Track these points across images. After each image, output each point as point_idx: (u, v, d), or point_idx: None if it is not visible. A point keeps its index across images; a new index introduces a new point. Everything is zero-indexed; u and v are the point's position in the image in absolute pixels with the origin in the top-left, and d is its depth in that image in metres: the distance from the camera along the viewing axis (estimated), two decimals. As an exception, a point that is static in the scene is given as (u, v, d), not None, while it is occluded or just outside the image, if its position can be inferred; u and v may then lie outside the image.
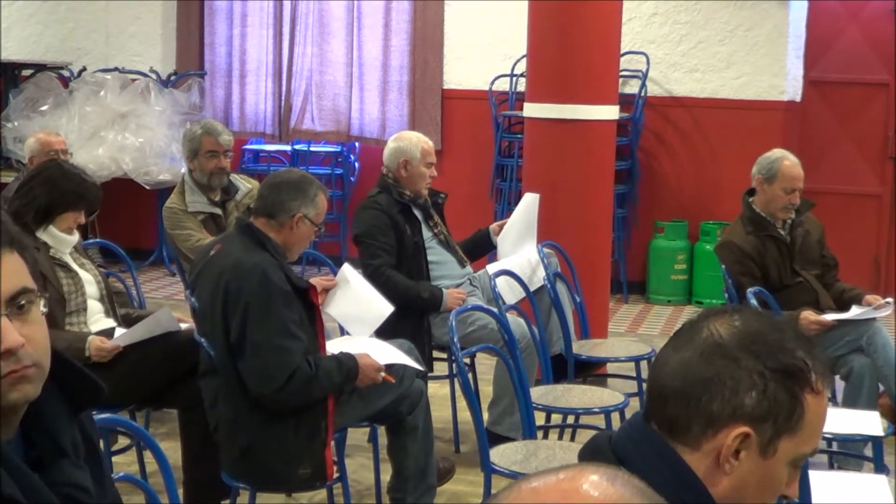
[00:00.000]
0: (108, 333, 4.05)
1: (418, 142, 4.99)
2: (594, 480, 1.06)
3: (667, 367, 1.56)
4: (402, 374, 3.95)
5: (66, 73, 9.04)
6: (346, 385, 3.74)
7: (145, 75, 8.90)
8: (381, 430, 4.23)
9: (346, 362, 3.71)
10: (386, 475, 4.16)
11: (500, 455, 3.60)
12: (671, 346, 1.58)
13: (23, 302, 1.52)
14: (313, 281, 3.96)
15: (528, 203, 5.29)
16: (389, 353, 4.00)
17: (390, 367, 3.88)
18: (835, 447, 4.56)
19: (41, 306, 1.55)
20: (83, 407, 1.68)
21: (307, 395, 3.60)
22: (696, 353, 1.53)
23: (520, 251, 5.17)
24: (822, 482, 3.24)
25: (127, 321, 4.21)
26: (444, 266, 5.01)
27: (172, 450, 3.99)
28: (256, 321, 3.55)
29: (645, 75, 8.20)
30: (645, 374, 4.98)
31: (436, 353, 4.96)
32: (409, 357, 4.08)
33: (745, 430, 1.50)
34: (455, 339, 3.82)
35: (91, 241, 5.94)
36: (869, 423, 3.81)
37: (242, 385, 3.60)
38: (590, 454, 1.56)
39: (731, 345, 1.52)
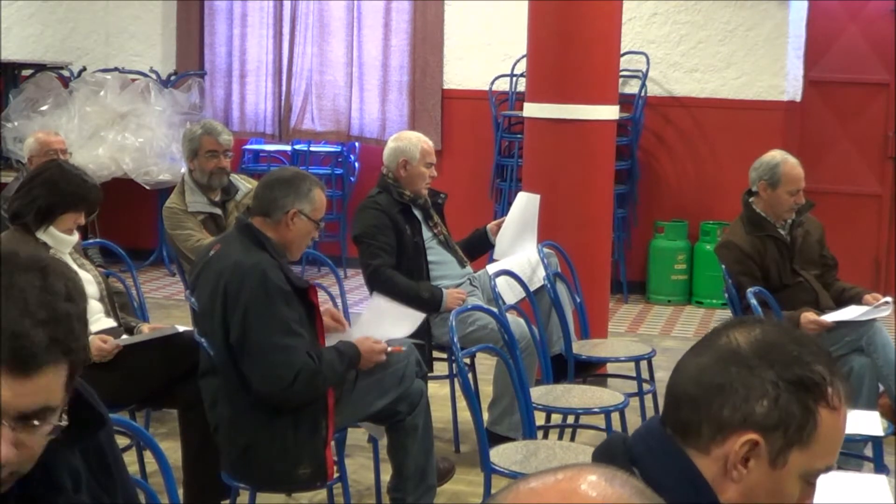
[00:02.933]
0: (109, 333, 4.05)
1: (418, 142, 4.99)
2: (593, 481, 1.06)
3: (684, 372, 1.57)
4: (403, 374, 3.95)
5: (66, 73, 9.04)
6: (349, 372, 3.75)
7: (145, 75, 8.90)
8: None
9: (346, 350, 3.73)
10: (386, 475, 4.16)
11: (500, 455, 3.61)
12: (692, 352, 1.59)
13: (36, 422, 1.45)
14: (330, 310, 3.98)
15: (525, 202, 5.29)
16: (388, 326, 3.97)
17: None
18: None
19: (57, 420, 1.47)
20: (83, 437, 1.62)
21: (314, 390, 3.61)
22: (712, 359, 1.55)
23: (517, 250, 5.17)
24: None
25: (127, 331, 4.21)
26: (444, 266, 5.01)
27: (172, 450, 3.99)
28: (258, 322, 3.55)
29: (645, 75, 8.19)
30: (645, 375, 5.00)
31: (436, 353, 4.96)
32: (407, 320, 4.06)
33: (754, 437, 1.50)
34: (455, 339, 3.83)
35: (91, 241, 5.94)
36: (869, 423, 3.80)
37: (242, 385, 3.59)
38: (603, 455, 1.57)
39: (746, 353, 1.53)
